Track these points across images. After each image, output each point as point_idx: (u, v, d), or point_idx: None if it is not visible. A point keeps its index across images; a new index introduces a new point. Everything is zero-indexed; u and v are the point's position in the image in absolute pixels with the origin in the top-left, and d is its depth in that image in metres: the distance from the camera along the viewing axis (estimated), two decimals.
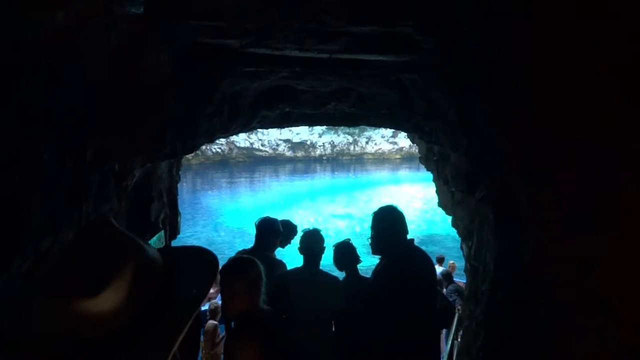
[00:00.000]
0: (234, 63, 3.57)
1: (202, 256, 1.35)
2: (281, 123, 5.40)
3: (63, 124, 2.39)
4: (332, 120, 5.68)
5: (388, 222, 3.66)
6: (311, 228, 4.35)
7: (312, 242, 4.14)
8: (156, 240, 3.91)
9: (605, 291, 1.73)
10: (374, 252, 4.06)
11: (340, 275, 4.31)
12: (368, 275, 4.27)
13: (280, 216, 4.68)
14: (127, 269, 1.05)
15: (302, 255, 4.22)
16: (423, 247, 3.92)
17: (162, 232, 4.17)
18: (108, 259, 1.05)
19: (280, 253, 4.60)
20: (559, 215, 1.95)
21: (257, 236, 4.25)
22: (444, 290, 8.58)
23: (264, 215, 4.44)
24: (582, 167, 1.80)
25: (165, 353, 1.05)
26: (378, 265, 3.83)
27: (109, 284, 1.01)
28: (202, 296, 1.22)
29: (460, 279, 9.83)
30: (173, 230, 4.77)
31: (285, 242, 4.61)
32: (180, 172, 5.15)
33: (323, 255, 4.24)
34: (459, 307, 7.37)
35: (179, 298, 1.14)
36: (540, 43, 1.90)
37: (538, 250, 2.22)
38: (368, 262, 5.29)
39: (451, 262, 11.52)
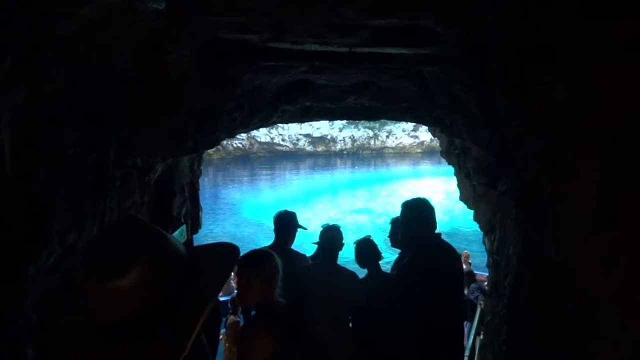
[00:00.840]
0: (254, 58, 3.59)
1: (224, 249, 1.38)
2: (301, 117, 5.40)
3: (87, 119, 2.43)
4: (353, 114, 5.66)
5: (419, 214, 3.60)
6: (330, 224, 4.34)
7: (332, 237, 4.12)
8: (178, 235, 3.96)
9: (631, 287, 1.69)
10: (396, 245, 4.03)
11: (361, 272, 4.29)
12: (388, 271, 4.25)
13: (300, 211, 4.68)
14: (148, 256, 1.09)
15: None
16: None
17: (184, 226, 4.22)
18: (131, 247, 1.10)
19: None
20: (583, 209, 1.91)
21: (276, 230, 4.28)
22: (466, 289, 8.48)
23: (282, 209, 4.46)
24: (608, 159, 1.76)
25: (183, 343, 1.06)
26: (401, 258, 3.80)
27: (130, 270, 1.05)
28: (218, 287, 1.25)
29: (478, 272, 9.76)
30: (195, 224, 4.82)
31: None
32: (201, 167, 5.19)
33: (343, 251, 4.23)
34: (482, 302, 7.30)
35: (201, 289, 1.17)
36: (566, 33, 1.86)
37: (562, 245, 2.18)
38: (389, 258, 5.27)
39: (465, 251, 11.30)
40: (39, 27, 1.92)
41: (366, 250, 4.25)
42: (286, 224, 4.31)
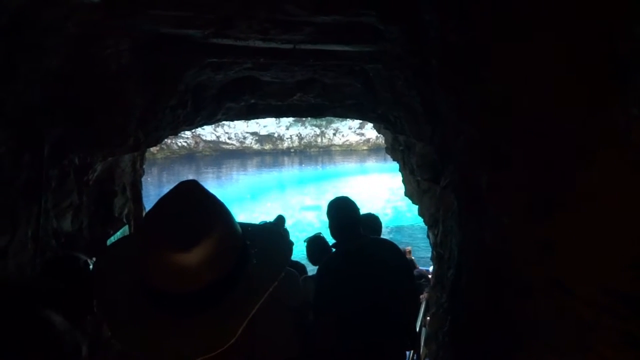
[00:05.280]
0: (197, 54, 3.53)
1: (273, 233, 1.37)
2: (247, 115, 5.36)
3: (20, 116, 2.31)
4: (298, 112, 5.68)
5: (337, 212, 3.50)
6: (267, 222, 4.32)
7: None
8: (120, 235, 3.84)
9: (562, 271, 1.79)
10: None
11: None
12: None
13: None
14: (217, 229, 1.07)
15: None
16: (390, 237, 3.88)
17: (126, 227, 4.09)
18: (200, 218, 1.07)
19: None
20: (519, 198, 2.00)
21: None
22: None
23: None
24: (540, 150, 1.85)
25: (233, 328, 1.04)
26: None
27: (201, 241, 1.03)
28: (280, 270, 1.21)
29: (424, 268, 10.02)
30: (138, 225, 4.68)
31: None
32: (145, 167, 5.05)
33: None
34: (425, 293, 7.49)
35: (252, 269, 1.16)
36: (499, 29, 1.94)
37: (499, 234, 2.28)
38: None
39: (407, 247, 11.53)
40: None
41: (317, 247, 4.26)
42: None
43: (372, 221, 4.52)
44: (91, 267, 2.28)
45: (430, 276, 8.20)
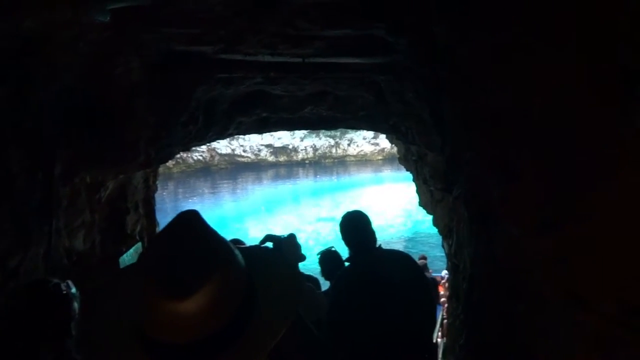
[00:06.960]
0: (208, 69, 3.56)
1: (282, 264, 1.24)
2: (259, 129, 5.39)
3: (33, 135, 2.35)
4: (311, 124, 5.69)
5: (351, 226, 3.46)
6: (287, 235, 4.26)
7: (288, 251, 4.03)
8: (133, 252, 3.84)
9: (576, 284, 1.74)
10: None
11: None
12: None
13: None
14: (219, 272, 0.95)
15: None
16: (407, 247, 3.82)
17: (139, 244, 4.10)
18: (200, 260, 0.96)
19: None
20: (529, 211, 1.96)
21: None
22: None
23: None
24: (551, 162, 1.82)
25: None
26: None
27: (200, 288, 0.92)
28: (291, 314, 1.09)
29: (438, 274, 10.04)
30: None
31: None
32: (160, 181, 5.09)
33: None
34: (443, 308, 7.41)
35: (258, 315, 1.04)
36: (505, 40, 1.92)
37: (510, 247, 2.23)
38: None
39: (421, 255, 11.37)
40: None
41: (329, 262, 4.21)
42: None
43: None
44: (71, 291, 2.15)
45: (442, 282, 8.20)
